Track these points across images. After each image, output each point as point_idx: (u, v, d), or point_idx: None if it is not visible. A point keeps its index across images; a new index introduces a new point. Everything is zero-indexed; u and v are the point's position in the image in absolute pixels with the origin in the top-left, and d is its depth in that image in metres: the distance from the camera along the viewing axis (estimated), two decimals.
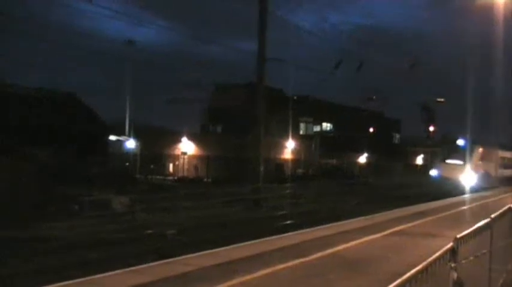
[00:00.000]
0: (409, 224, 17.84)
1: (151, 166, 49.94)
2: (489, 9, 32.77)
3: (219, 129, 73.44)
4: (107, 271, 10.03)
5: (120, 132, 50.89)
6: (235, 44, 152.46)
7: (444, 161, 44.42)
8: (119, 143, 51.14)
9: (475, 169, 42.39)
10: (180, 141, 56.41)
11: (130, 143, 52.07)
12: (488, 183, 43.05)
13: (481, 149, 44.19)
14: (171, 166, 56.14)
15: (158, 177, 47.60)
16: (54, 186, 25.64)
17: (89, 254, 15.49)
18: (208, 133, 69.91)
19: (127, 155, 51.37)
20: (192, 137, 57.48)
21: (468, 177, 41.09)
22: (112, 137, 48.70)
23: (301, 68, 67.93)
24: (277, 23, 33.97)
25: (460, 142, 44.16)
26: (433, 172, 45.19)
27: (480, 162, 43.65)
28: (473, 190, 37.94)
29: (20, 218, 20.21)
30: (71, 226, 20.28)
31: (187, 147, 56.34)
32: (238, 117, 61.15)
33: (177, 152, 56.17)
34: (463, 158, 42.33)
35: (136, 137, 52.13)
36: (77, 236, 18.39)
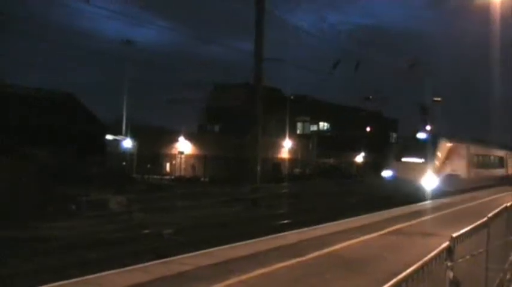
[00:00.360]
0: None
1: (148, 166, 49.92)
2: (488, 9, 32.89)
3: (216, 129, 73.49)
4: (105, 270, 10.03)
5: (118, 132, 50.85)
6: (234, 44, 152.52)
7: (400, 158, 34.07)
8: (116, 142, 51.09)
9: (440, 168, 33.28)
10: (177, 140, 56.38)
11: (127, 143, 52.01)
12: (457, 186, 34.44)
13: (448, 144, 34.95)
14: (168, 165, 56.14)
15: (155, 177, 47.58)
16: (53, 186, 25.63)
17: (87, 254, 15.49)
18: (205, 133, 69.94)
19: (124, 154, 51.34)
20: (189, 137, 57.47)
21: (430, 179, 32.15)
22: (109, 137, 48.65)
23: (299, 68, 68.16)
24: (275, 22, 33.99)
25: (421, 135, 35.30)
26: (386, 173, 34.10)
27: (447, 160, 34.33)
28: (434, 196, 29.87)
29: (20, 218, 20.19)
30: (69, 226, 20.30)
31: (184, 146, 56.31)
32: (236, 117, 61.24)
33: (175, 151, 56.15)
34: (423, 156, 33.10)
35: (134, 136, 52.08)
36: (76, 236, 18.38)
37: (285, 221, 23.49)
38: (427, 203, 26.81)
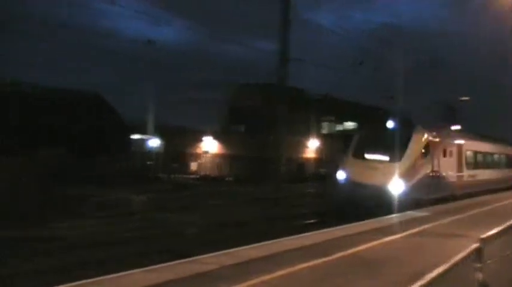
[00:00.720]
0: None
1: (174, 165, 50.10)
2: None
3: (241, 128, 73.44)
4: (124, 270, 9.93)
5: (140, 131, 51.04)
6: (255, 44, 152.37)
7: (360, 155, 24.65)
8: (141, 142, 51.32)
9: (415, 170, 23.93)
10: (202, 140, 56.58)
11: (154, 142, 52.22)
12: (442, 192, 26.05)
13: (429, 137, 25.23)
14: (193, 164, 56.32)
15: (181, 176, 47.76)
16: (76, 185, 25.77)
17: (107, 252, 15.44)
18: (230, 132, 69.95)
19: (149, 154, 51.56)
20: (214, 136, 57.62)
21: (398, 184, 22.68)
22: (134, 136, 48.93)
23: (323, 68, 67.78)
24: (297, 21, 33.74)
25: (389, 124, 25.11)
26: (340, 175, 24.50)
27: (425, 158, 24.75)
28: (402, 207, 21.69)
29: (41, 217, 20.26)
30: (90, 225, 20.31)
31: (209, 146, 56.49)
32: (260, 116, 61.15)
33: (200, 151, 56.36)
34: (390, 152, 23.79)
35: (158, 136, 52.29)
36: (97, 235, 18.34)
37: (308, 221, 23.31)
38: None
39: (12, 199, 21.28)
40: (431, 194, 24.77)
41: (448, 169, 27.32)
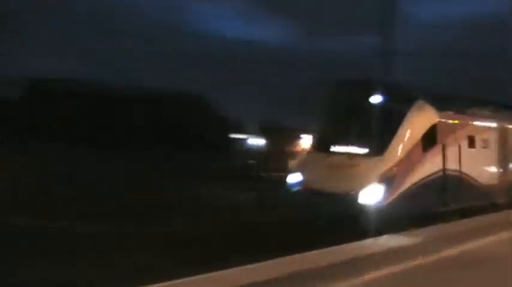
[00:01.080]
0: None
1: (275, 164, 50.33)
2: None
3: None
4: (220, 268, 9.67)
5: (242, 130, 51.66)
6: (355, 39, 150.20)
7: (324, 148, 17.13)
8: (243, 141, 51.93)
9: (408, 167, 15.64)
10: (302, 138, 56.57)
11: (256, 141, 52.71)
12: (466, 201, 17.62)
13: (435, 115, 17.53)
14: (294, 162, 56.26)
15: (282, 174, 47.84)
16: (179, 182, 26.26)
17: (202, 250, 15.52)
18: None
19: (251, 152, 52.03)
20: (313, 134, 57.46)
21: (375, 191, 14.98)
22: (236, 135, 49.60)
23: (426, 62, 66.34)
24: (400, 15, 33.23)
25: (374, 99, 18.25)
26: (292, 178, 17.26)
27: (430, 148, 16.54)
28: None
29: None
30: (190, 222, 20.56)
31: (309, 144, 56.37)
32: (359, 114, 60.43)
33: (300, 149, 56.38)
34: (369, 141, 16.41)
35: (259, 134, 52.73)
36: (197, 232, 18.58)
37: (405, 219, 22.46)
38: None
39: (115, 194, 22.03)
40: (446, 204, 16.88)
41: (479, 166, 18.75)
